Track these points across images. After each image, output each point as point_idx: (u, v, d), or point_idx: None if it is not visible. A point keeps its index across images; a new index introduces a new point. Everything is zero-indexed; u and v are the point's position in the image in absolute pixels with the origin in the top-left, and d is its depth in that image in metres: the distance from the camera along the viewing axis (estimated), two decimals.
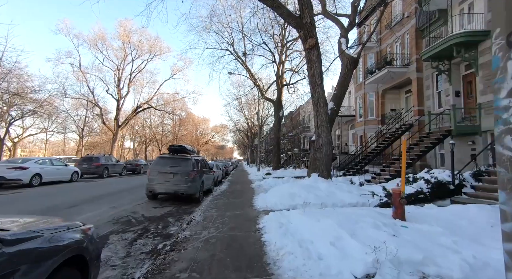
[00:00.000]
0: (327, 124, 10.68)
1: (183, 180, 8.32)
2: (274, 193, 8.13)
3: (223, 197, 9.35)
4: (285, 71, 23.34)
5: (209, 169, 11.28)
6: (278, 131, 22.39)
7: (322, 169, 10.51)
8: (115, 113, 26.96)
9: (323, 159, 10.53)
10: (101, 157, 16.79)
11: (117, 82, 26.86)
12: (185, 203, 8.59)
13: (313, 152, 10.87)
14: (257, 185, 13.07)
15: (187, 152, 9.49)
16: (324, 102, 10.60)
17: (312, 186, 8.43)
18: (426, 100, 14.11)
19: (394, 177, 10.98)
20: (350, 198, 7.03)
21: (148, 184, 8.34)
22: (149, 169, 8.56)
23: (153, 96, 29.43)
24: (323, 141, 10.58)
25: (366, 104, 19.54)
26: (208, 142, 72.38)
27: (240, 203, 7.89)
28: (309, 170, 10.97)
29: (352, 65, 12.05)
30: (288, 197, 7.32)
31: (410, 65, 14.87)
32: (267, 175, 18.46)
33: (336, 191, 7.64)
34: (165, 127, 46.88)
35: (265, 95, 23.86)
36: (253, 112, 46.03)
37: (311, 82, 10.51)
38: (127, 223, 5.71)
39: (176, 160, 8.77)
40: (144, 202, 8.49)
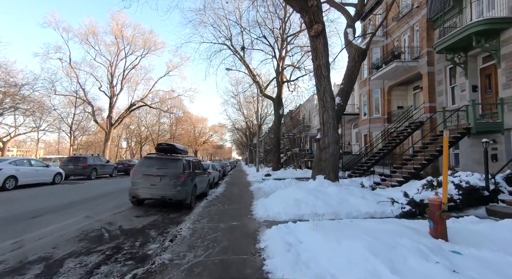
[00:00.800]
0: (334, 121, 9.65)
1: (171, 184, 7.25)
2: (277, 199, 7.07)
3: (218, 203, 8.29)
4: (286, 67, 22.30)
5: (204, 170, 10.22)
6: (278, 130, 21.36)
7: (329, 170, 9.48)
8: (108, 111, 25.82)
9: (330, 160, 9.50)
10: (89, 156, 15.68)
11: (110, 79, 25.70)
12: (174, 209, 7.53)
13: (318, 151, 9.83)
14: (256, 188, 12.02)
15: (177, 151, 8.43)
16: (330, 97, 9.56)
17: (320, 190, 7.39)
18: (438, 96, 13.10)
19: (407, 179, 9.96)
20: (366, 205, 5.98)
21: (131, 188, 7.26)
22: (133, 171, 7.48)
23: (147, 93, 28.33)
24: (329, 140, 9.55)
25: (371, 102, 18.54)
26: (206, 141, 71.33)
27: (237, 211, 6.83)
28: (313, 172, 9.93)
29: (360, 57, 11.02)
30: (293, 204, 6.26)
31: (421, 59, 13.86)
32: (267, 176, 17.42)
33: (348, 196, 6.60)
34: (162, 126, 45.71)
35: (265, 93, 22.81)
36: (252, 111, 45.03)
37: (316, 74, 9.46)
38: (97, 239, 4.63)
39: (164, 160, 7.69)
40: (128, 208, 7.41)
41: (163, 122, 44.93)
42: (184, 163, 7.92)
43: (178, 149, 8.41)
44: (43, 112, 23.64)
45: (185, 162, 8.10)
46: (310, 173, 18.82)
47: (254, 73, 21.93)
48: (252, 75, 21.68)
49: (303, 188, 7.95)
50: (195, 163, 9.26)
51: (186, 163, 8.12)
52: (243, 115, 43.59)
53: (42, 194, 9.71)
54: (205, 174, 10.31)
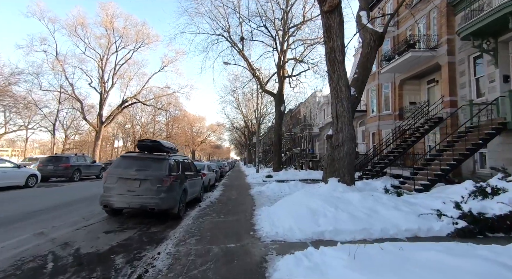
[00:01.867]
0: (349, 115, 8.27)
1: (154, 190, 5.82)
2: (285, 208, 5.66)
3: (213, 211, 6.86)
4: (287, 60, 20.91)
5: (197, 172, 8.79)
6: (280, 128, 19.96)
7: (343, 172, 8.10)
8: (98, 108, 24.30)
9: (344, 159, 8.11)
10: (72, 156, 14.19)
11: (101, 74, 24.15)
12: (158, 221, 6.09)
13: (331, 150, 8.44)
14: (257, 192, 10.59)
15: (164, 149, 6.99)
16: (346, 85, 8.18)
17: (338, 197, 5.99)
18: (460, 89, 11.75)
19: (433, 182, 8.58)
20: (404, 219, 4.58)
21: (102, 196, 5.81)
22: (106, 173, 6.03)
23: (141, 90, 26.79)
24: (344, 136, 8.17)
25: (380, 97, 17.18)
26: (204, 141, 69.93)
27: (236, 225, 5.41)
28: (325, 173, 8.53)
29: (376, 42, 9.64)
30: (309, 216, 4.85)
31: (439, 48, 12.51)
32: (268, 177, 16.00)
33: (377, 206, 5.20)
34: (157, 125, 44.15)
35: (265, 88, 21.40)
36: (250, 109, 43.60)
37: (329, 59, 8.07)
38: (33, 274, 3.19)
39: (146, 160, 6.26)
40: (100, 220, 5.97)
41: (159, 121, 43.37)
42: (171, 164, 6.49)
43: (165, 146, 6.97)
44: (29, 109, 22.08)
45: (173, 162, 6.67)
46: (315, 175, 17.44)
47: (253, 67, 20.51)
48: (252, 69, 20.26)
49: (315, 194, 6.53)
50: (186, 163, 7.82)
51: (173, 163, 6.69)
52: (242, 114, 42.17)
53: (1, 200, 8.23)
54: (198, 176, 8.89)
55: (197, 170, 8.99)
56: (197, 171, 8.98)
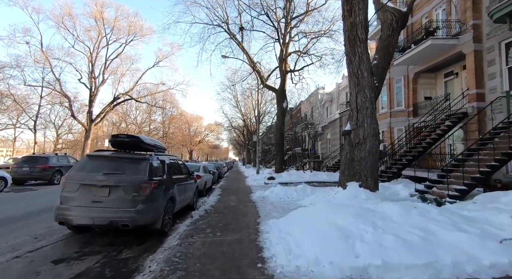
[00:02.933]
0: (373, 106, 6.90)
1: (128, 200, 4.40)
2: (303, 225, 4.25)
3: (207, 225, 5.45)
4: (290, 54, 19.52)
5: (189, 175, 7.37)
6: (282, 125, 18.56)
7: (366, 175, 6.72)
8: (88, 105, 22.74)
9: (367, 160, 6.74)
10: (52, 156, 12.70)
11: (91, 69, 22.63)
12: (135, 240, 4.67)
13: (349, 149, 7.06)
14: (259, 197, 9.18)
15: (145, 147, 5.57)
16: (368, 71, 6.81)
17: (369, 209, 4.60)
18: (489, 80, 10.40)
19: (471, 187, 7.20)
20: (479, 247, 3.19)
21: (58, 208, 4.37)
22: (64, 178, 4.59)
23: (134, 86, 25.23)
24: (365, 132, 6.80)
25: (392, 92, 15.83)
26: (201, 141, 68.47)
27: (237, 249, 4.00)
28: (342, 176, 7.14)
29: (399, 23, 8.26)
30: (339, 239, 3.45)
31: (463, 35, 11.16)
32: (270, 179, 14.60)
33: (429, 223, 3.81)
34: (153, 124, 42.61)
35: (266, 83, 20.00)
36: (250, 108, 42.21)
37: (348, 38, 6.69)
38: None
39: (119, 161, 4.83)
40: (56, 240, 4.54)
41: (154, 119, 41.80)
42: (154, 165, 5.06)
43: (147, 143, 5.54)
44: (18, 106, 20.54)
45: (156, 163, 5.24)
46: (321, 176, 16.00)
47: (253, 61, 19.10)
48: (252, 62, 18.86)
49: (339, 205, 5.15)
50: (174, 164, 6.39)
51: (157, 164, 5.27)
52: (241, 112, 40.75)
53: None
54: (191, 180, 7.46)
55: (189, 172, 7.56)
56: (190, 173, 7.55)
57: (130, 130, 37.06)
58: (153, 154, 5.48)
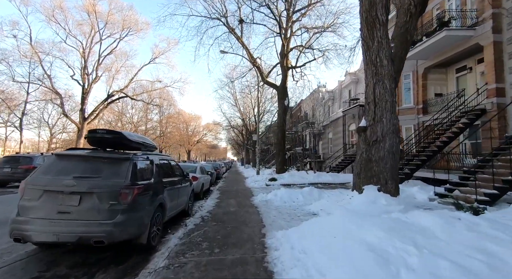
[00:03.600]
0: (393, 99, 6.09)
1: (104, 210, 3.55)
2: (322, 242, 3.42)
3: (203, 238, 4.60)
4: (292, 49, 18.70)
5: (183, 177, 6.51)
6: (283, 124, 17.73)
7: (385, 177, 5.90)
8: (80, 103, 21.79)
9: (386, 160, 5.92)
10: (36, 156, 11.77)
11: (83, 64, 21.67)
12: (114, 259, 3.81)
13: (365, 147, 6.24)
14: (262, 201, 8.34)
15: (129, 145, 4.70)
16: (388, 58, 5.99)
17: (399, 219, 3.79)
18: (510, 74, 9.62)
19: (502, 191, 6.39)
20: None
21: (14, 221, 3.49)
22: (23, 183, 3.71)
23: (129, 83, 24.28)
24: (385, 128, 5.99)
25: (400, 89, 15.01)
26: (200, 141, 67.59)
27: (240, 271, 3.16)
28: (357, 179, 6.31)
29: (418, 8, 7.40)
30: (377, 267, 2.61)
31: (480, 25, 10.37)
32: (272, 180, 13.75)
33: (486, 242, 2.98)
34: (150, 123, 41.62)
35: (267, 79, 19.16)
36: (248, 107, 41.34)
37: (366, 20, 5.87)
38: None
39: (95, 162, 3.97)
40: (15, 260, 3.67)
41: (151, 118, 40.80)
42: (138, 166, 4.21)
43: (131, 140, 4.66)
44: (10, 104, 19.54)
45: (142, 164, 4.39)
46: (326, 177, 15.08)
47: (253, 56, 18.26)
48: (252, 58, 18.01)
49: (359, 213, 4.32)
50: (165, 165, 5.54)
51: (143, 165, 4.41)
52: (240, 111, 39.88)
53: None
54: (186, 182, 6.61)
55: (183, 173, 6.70)
56: (184, 175, 6.69)
57: (126, 130, 36.13)
58: (139, 153, 4.62)
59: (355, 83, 22.34)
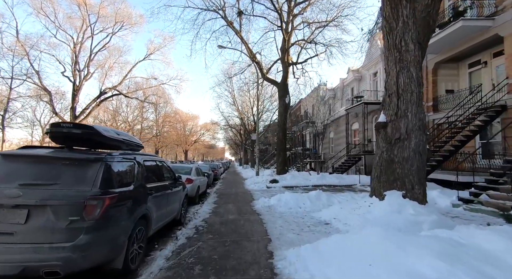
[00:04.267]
0: (419, 89, 5.23)
1: (61, 229, 2.65)
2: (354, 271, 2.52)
3: (196, 260, 3.71)
4: (293, 44, 17.86)
5: (174, 180, 5.61)
6: (284, 122, 16.87)
7: (411, 181, 5.06)
8: (71, 100, 20.73)
9: (413, 161, 5.07)
10: None
11: (74, 60, 20.61)
12: None
13: (386, 146, 5.39)
14: (264, 207, 7.45)
15: (105, 142, 3.80)
16: (415, 41, 5.16)
17: (451, 240, 2.90)
18: None
19: None
20: None
21: None
22: None
23: (122, 80, 23.22)
24: (409, 124, 5.16)
25: None
26: (197, 140, 66.66)
27: None
28: (377, 183, 5.46)
29: None
30: None
31: (500, 15, 9.58)
32: (273, 182, 12.88)
33: None
34: (146, 122, 40.55)
35: (267, 76, 18.29)
36: (247, 106, 40.45)
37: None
38: None
39: (51, 164, 3.06)
40: None
41: (147, 117, 39.71)
42: (113, 170, 3.30)
43: (108, 137, 3.75)
44: None
45: (119, 166, 3.49)
46: (331, 179, 14.00)
47: (252, 52, 17.38)
48: (251, 53, 17.13)
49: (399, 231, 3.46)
50: (152, 167, 4.64)
51: (121, 169, 3.52)
52: (238, 110, 38.96)
53: None
54: (177, 186, 5.71)
55: (175, 176, 5.80)
56: (176, 178, 5.80)
57: (120, 129, 35.05)
58: (116, 152, 3.71)
59: (358, 81, 21.53)
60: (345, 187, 12.13)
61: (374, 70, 18.60)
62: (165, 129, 46.08)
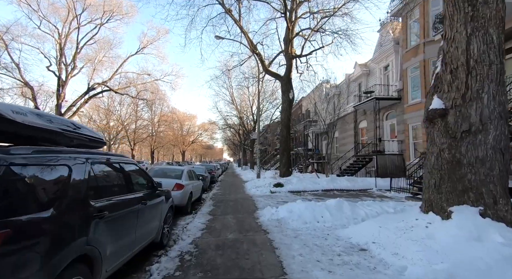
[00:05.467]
0: (501, 60, 3.66)
1: None
2: None
3: None
4: (297, 33, 16.36)
5: (152, 190, 4.06)
6: (288, 119, 15.35)
7: (494, 193, 3.50)
8: (56, 97, 19.07)
9: (493, 163, 3.49)
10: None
11: (59, 52, 18.98)
12: None
13: (447, 142, 3.82)
14: (272, 220, 5.90)
15: (17, 132, 2.22)
16: None
17: None
18: None
19: None
20: None
21: None
22: None
23: (113, 75, 21.63)
24: (485, 110, 3.57)
25: (427, 78, 12.70)
26: (195, 141, 65.12)
27: None
28: (434, 194, 3.90)
29: None
30: None
31: None
32: (277, 186, 11.33)
33: None
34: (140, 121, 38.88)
35: (269, 69, 16.78)
36: (246, 104, 38.92)
37: None
38: None
39: None
40: None
41: (141, 116, 38.01)
42: (9, 182, 1.73)
43: (19, 122, 2.18)
44: None
45: (31, 174, 1.93)
46: (343, 182, 11.80)
47: (253, 42, 15.86)
48: (251, 44, 15.61)
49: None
50: (114, 173, 3.09)
51: (31, 180, 1.95)
52: (237, 109, 37.41)
53: None
54: (154, 199, 4.15)
55: (153, 184, 4.24)
56: (154, 187, 4.24)
57: (113, 128, 33.32)
58: (19, 149, 2.12)
59: (366, 76, 20.06)
60: (360, 192, 10.62)
61: (385, 63, 17.13)
62: (162, 129, 44.42)
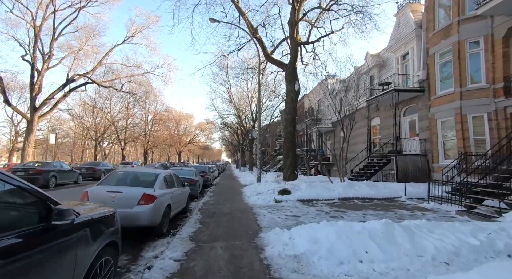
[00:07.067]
0: None
1: None
2: None
3: None
4: (306, 13, 14.27)
5: (46, 221, 1.85)
6: (294, 114, 13.20)
7: None
8: (29, 89, 16.81)
9: None
10: None
11: (33, 39, 16.75)
12: None
13: None
14: (287, 258, 3.71)
15: None
16: None
17: None
18: None
19: None
20: None
21: None
22: None
23: (97, 66, 19.30)
24: None
25: (462, 63, 10.62)
26: (191, 141, 62.82)
27: None
28: None
29: None
30: None
31: None
32: (283, 194, 9.15)
33: None
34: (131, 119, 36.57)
35: (272, 56, 14.65)
36: (245, 102, 36.72)
37: None
38: None
39: None
40: None
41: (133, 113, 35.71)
42: None
43: None
44: None
45: None
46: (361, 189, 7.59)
47: (252, 25, 13.75)
48: (251, 27, 13.49)
49: None
50: None
51: None
52: (235, 107, 35.19)
53: None
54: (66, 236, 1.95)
55: (49, 206, 2.05)
56: (60, 214, 2.05)
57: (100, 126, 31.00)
58: None
59: (379, 67, 17.99)
60: (387, 202, 8.49)
61: (403, 51, 15.04)
62: (156, 128, 42.12)
